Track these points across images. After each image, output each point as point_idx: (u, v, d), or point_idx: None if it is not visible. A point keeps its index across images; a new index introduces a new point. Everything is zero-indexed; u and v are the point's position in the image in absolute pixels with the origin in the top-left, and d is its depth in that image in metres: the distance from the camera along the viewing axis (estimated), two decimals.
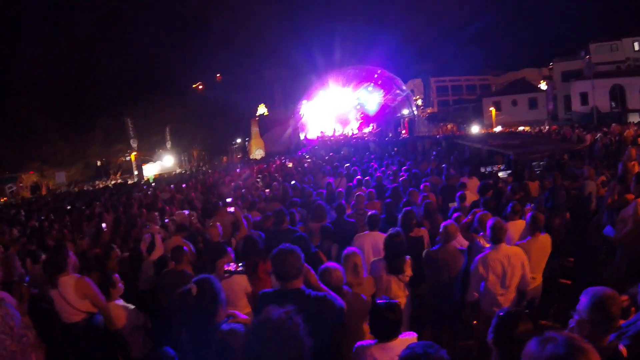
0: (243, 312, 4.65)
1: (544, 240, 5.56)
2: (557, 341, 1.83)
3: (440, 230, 5.64)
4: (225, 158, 56.62)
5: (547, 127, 35.20)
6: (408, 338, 3.39)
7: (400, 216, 6.54)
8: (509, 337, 2.72)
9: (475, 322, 5.43)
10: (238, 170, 23.12)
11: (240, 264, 4.13)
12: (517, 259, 5.03)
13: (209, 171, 28.98)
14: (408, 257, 5.27)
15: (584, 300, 2.90)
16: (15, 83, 42.85)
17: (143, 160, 46.53)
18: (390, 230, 5.30)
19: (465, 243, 6.24)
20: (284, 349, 2.14)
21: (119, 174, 51.02)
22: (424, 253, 5.72)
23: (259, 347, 2.14)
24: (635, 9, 54.36)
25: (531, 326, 2.74)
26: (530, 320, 2.81)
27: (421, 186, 9.47)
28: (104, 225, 8.92)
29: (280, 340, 2.14)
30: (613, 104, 43.80)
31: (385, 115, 50.01)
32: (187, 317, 2.96)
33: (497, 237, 5.06)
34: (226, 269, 4.13)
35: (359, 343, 3.46)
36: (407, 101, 49.60)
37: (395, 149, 25.09)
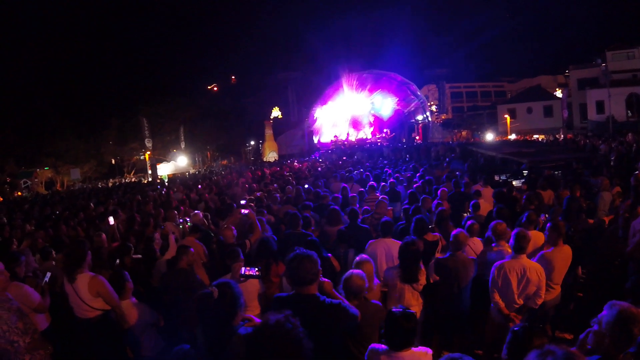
0: (254, 313, 4.69)
1: (567, 250, 5.51)
2: (555, 355, 1.84)
3: (451, 239, 5.64)
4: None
5: (562, 136, 34.94)
6: (421, 352, 3.39)
7: (412, 223, 6.55)
8: (523, 352, 2.68)
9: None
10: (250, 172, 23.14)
11: (257, 268, 4.13)
12: (534, 274, 4.98)
13: (222, 172, 29.05)
14: (423, 266, 5.28)
15: (607, 313, 2.87)
16: (33, 81, 43.49)
17: (157, 159, 46.82)
18: (406, 238, 5.30)
19: (477, 251, 6.23)
20: (283, 352, 2.16)
21: (132, 172, 51.42)
22: (433, 261, 5.72)
23: (260, 352, 2.18)
24: None
25: (546, 341, 2.69)
26: (545, 334, 2.77)
27: (438, 192, 9.46)
28: (110, 219, 8.96)
29: (280, 344, 2.17)
30: (629, 112, 43.34)
31: (399, 121, 49.97)
32: (205, 319, 2.98)
33: (520, 246, 5.02)
34: (243, 272, 4.13)
35: (372, 345, 3.47)
36: (421, 107, 49.51)
37: (408, 155, 25.04)
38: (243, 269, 4.16)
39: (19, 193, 39.61)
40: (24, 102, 41.94)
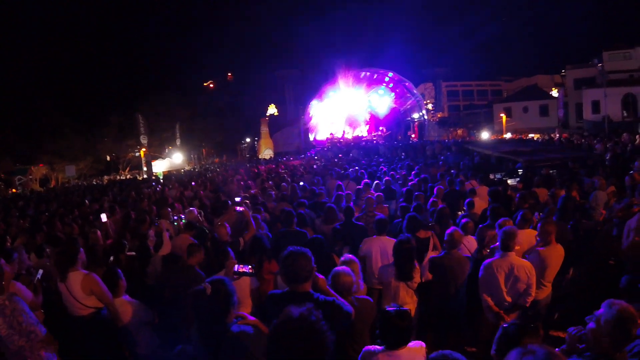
0: (246, 310, 4.67)
1: (560, 249, 5.54)
2: (536, 354, 1.84)
3: (445, 237, 5.63)
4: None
5: (557, 135, 35.00)
6: (416, 347, 3.38)
7: (405, 221, 6.55)
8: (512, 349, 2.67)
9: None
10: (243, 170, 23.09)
11: (251, 266, 4.11)
12: (522, 272, 5.01)
13: (217, 169, 29.00)
14: (417, 264, 5.28)
15: (605, 312, 2.87)
16: (30, 79, 43.42)
17: (152, 156, 46.71)
18: (401, 236, 5.30)
19: (472, 249, 6.23)
20: (309, 346, 2.12)
21: (128, 169, 51.33)
22: (429, 259, 5.71)
23: (284, 346, 2.13)
24: None
25: (537, 340, 2.68)
26: (537, 334, 2.75)
27: (434, 190, 9.45)
28: (103, 216, 8.92)
29: (305, 337, 2.12)
30: (625, 113, 43.45)
31: (395, 119, 50.02)
32: (199, 316, 2.97)
33: (507, 244, 5.05)
34: (236, 270, 4.11)
35: (366, 348, 3.46)
36: (417, 105, 49.55)
37: (403, 153, 25.04)
38: (236, 266, 4.14)
39: (14, 190, 39.43)
40: (25, 101, 41.82)
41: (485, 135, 43.78)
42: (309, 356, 2.12)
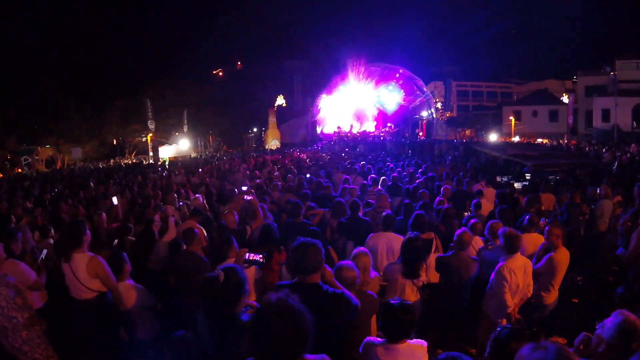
0: (250, 299, 4.68)
1: (567, 253, 5.53)
2: (547, 349, 1.90)
3: (455, 237, 5.62)
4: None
5: (566, 141, 34.89)
6: (417, 344, 3.38)
7: (411, 219, 6.53)
8: (503, 354, 2.69)
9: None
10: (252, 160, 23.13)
11: (262, 255, 4.10)
12: (529, 267, 5.10)
13: (224, 157, 29.04)
14: (424, 261, 5.29)
15: (611, 320, 2.86)
16: (38, 62, 43.45)
17: (159, 142, 46.76)
18: (409, 234, 5.29)
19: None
20: (286, 328, 2.16)
21: (134, 153, 51.41)
22: (436, 259, 5.70)
23: (263, 329, 2.19)
24: None
25: (523, 345, 2.68)
26: (527, 339, 2.75)
27: (441, 189, 9.43)
28: (114, 199, 8.96)
29: (282, 319, 2.17)
30: (635, 123, 43.27)
31: (403, 116, 50.02)
32: (209, 303, 2.97)
33: (514, 246, 5.01)
34: (247, 258, 4.10)
35: (368, 338, 3.47)
36: (426, 103, 49.49)
37: (410, 151, 25.04)
38: (247, 254, 4.14)
39: (19, 170, 39.57)
40: (30, 79, 41.85)
41: (493, 137, 43.72)
42: (287, 338, 2.17)
